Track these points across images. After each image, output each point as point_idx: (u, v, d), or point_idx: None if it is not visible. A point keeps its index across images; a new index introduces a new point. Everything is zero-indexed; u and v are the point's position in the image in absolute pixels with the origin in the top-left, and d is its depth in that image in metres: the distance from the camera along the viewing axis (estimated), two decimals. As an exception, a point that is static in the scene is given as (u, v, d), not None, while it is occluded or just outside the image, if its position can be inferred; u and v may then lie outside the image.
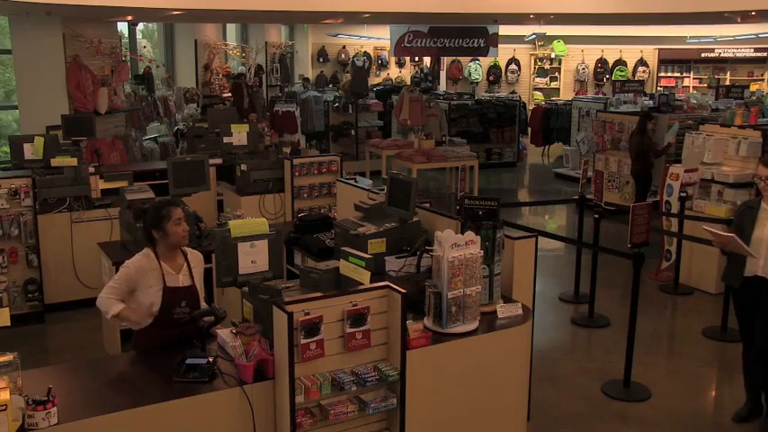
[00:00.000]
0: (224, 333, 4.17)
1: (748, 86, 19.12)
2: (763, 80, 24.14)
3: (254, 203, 8.33)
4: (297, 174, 8.45)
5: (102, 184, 7.88)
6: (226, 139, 9.30)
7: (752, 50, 24.23)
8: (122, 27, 13.75)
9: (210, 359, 3.88)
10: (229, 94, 14.67)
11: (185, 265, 4.43)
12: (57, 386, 3.50)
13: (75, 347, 6.90)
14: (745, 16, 14.21)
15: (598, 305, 7.70)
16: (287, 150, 9.72)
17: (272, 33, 19.56)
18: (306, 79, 19.76)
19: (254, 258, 4.32)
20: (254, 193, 8.43)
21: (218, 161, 9.08)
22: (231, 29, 19.05)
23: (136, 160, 11.42)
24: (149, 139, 13.18)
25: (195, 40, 14.84)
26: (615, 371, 6.27)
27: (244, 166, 8.52)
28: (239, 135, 9.30)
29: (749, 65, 24.74)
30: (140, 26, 15.26)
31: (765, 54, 24.14)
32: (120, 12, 10.66)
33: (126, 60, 12.53)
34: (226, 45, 16.98)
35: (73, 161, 7.82)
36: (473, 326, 4.27)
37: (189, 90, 14.54)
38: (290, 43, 20.82)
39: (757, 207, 5.35)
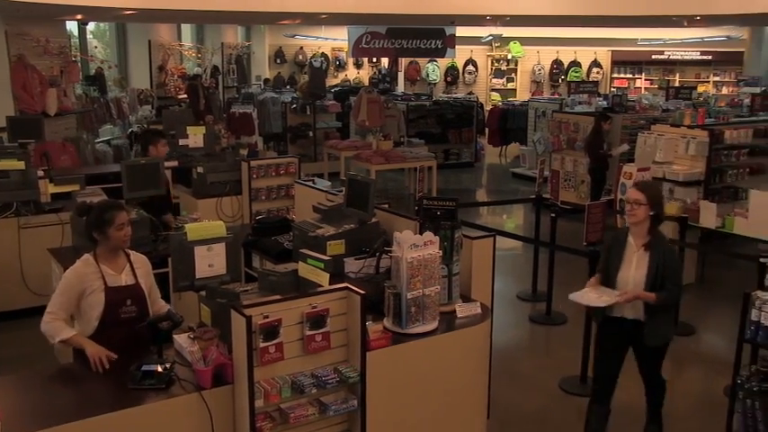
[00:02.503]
0: (181, 338, 4.12)
1: (696, 88, 19.51)
2: (709, 82, 24.68)
3: (211, 206, 8.24)
4: (254, 176, 8.38)
5: (53, 188, 7.70)
6: (181, 142, 9.18)
7: (698, 53, 24.78)
8: (72, 26, 13.53)
9: (167, 365, 3.83)
10: (185, 96, 14.53)
11: (128, 265, 4.36)
12: (3, 398, 3.40)
13: (24, 357, 6.62)
14: (691, 20, 14.54)
15: (555, 303, 7.78)
16: (244, 152, 9.66)
17: (228, 34, 19.44)
18: (266, 80, 19.68)
19: (211, 262, 4.28)
20: (211, 195, 8.35)
21: (174, 163, 8.97)
22: (186, 29, 18.88)
23: (88, 163, 11.19)
24: (102, 141, 12.97)
25: (149, 41, 14.68)
26: (572, 367, 6.34)
27: (200, 169, 8.43)
28: (195, 137, 9.19)
29: (696, 67, 25.31)
30: (91, 26, 15.03)
31: (711, 57, 24.70)
32: (68, 10, 10.45)
33: (76, 61, 12.32)
34: (181, 46, 16.82)
35: (20, 164, 7.59)
36: (432, 326, 4.29)
37: (143, 91, 14.38)
38: (247, 44, 20.73)
39: (624, 240, 4.85)
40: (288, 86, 20.56)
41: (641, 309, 4.79)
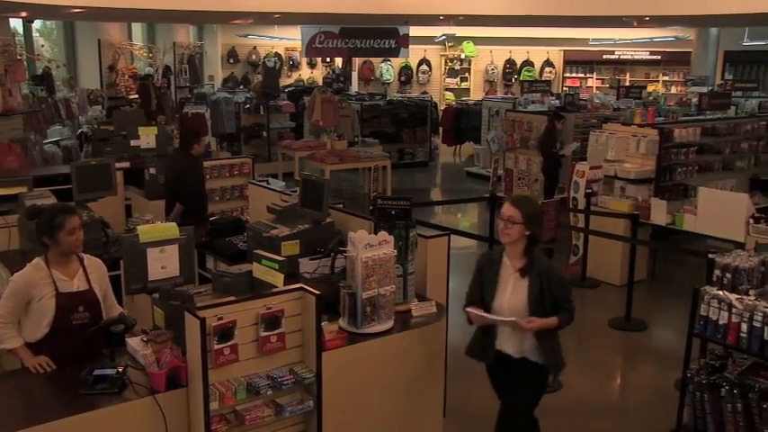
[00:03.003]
0: (134, 341, 4.06)
1: (646, 87, 19.86)
2: (658, 81, 25.16)
3: (164, 207, 8.15)
4: (208, 177, 8.31)
5: (-1, 190, 7.52)
6: (133, 142, 9.08)
7: (648, 53, 25.24)
8: (16, 24, 13.24)
9: (120, 369, 3.77)
10: (136, 96, 14.32)
11: (81, 270, 4.27)
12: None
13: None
14: (640, 21, 14.79)
15: (510, 301, 7.83)
16: (197, 153, 9.56)
17: (180, 34, 19.23)
18: (226, 80, 19.49)
19: (164, 264, 4.22)
20: (164, 196, 8.25)
21: (126, 165, 8.85)
22: (137, 28, 18.63)
23: (36, 165, 10.96)
24: (51, 142, 12.72)
25: (99, 40, 14.43)
26: (527, 364, 6.38)
27: (152, 170, 8.33)
28: (147, 138, 9.09)
29: (646, 66, 25.79)
30: (37, 24, 14.70)
31: (660, 57, 25.19)
32: (12, 7, 10.22)
33: (21, 59, 12.02)
34: (131, 45, 16.57)
35: (-40, 166, 7.43)
36: (388, 325, 4.29)
37: (93, 91, 14.12)
38: (200, 44, 20.51)
39: (499, 261, 4.34)
40: (241, 86, 20.43)
41: (525, 343, 4.31)
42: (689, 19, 15.60)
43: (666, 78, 25.40)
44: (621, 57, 25.67)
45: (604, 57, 25.78)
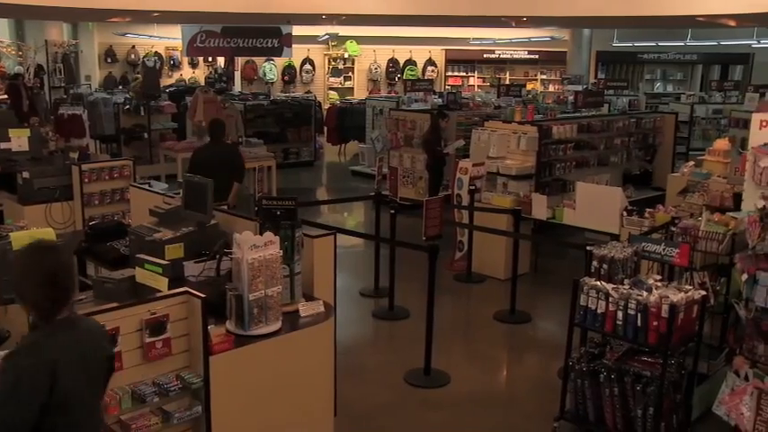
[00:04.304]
0: (9, 353, 3.88)
1: (525, 85, 20.47)
2: (537, 80, 26.00)
3: (40, 213, 7.82)
4: (86, 180, 8.03)
5: None
6: (3, 145, 8.66)
7: (526, 53, 26.04)
8: None
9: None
10: (5, 96, 13.67)
11: None
12: None
13: None
14: (518, 21, 15.24)
15: (398, 298, 7.92)
16: (74, 155, 9.22)
17: (52, 32, 18.47)
18: (123, 80, 18.83)
19: (40, 271, 4.04)
20: (39, 201, 7.93)
21: (-4, 169, 8.44)
22: (3, 24, 17.78)
23: None
24: None
25: (-38, 38, 13.71)
26: (416, 360, 6.48)
27: (26, 174, 7.98)
28: (19, 140, 8.69)
29: (525, 65, 26.63)
30: None
31: (537, 56, 26.04)
32: None
33: None
34: (-1, 43, 15.82)
35: None
36: (276, 326, 4.26)
37: (-45, 92, 13.41)
38: (74, 42, 19.77)
39: None
40: (120, 87, 19.84)
41: None
42: (562, 20, 16.19)
43: (544, 77, 26.28)
44: (501, 56, 26.39)
45: (485, 56, 26.43)
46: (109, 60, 22.96)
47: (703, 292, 5.13)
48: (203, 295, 3.82)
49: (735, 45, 21.28)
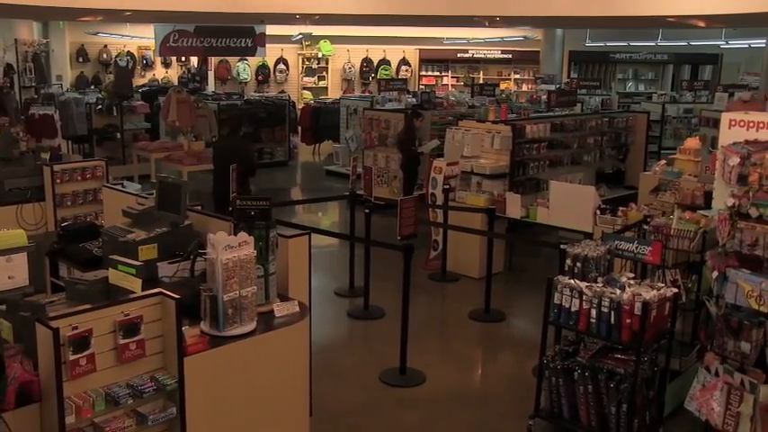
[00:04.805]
0: (-20, 357, 3.84)
1: (498, 85, 20.57)
2: (510, 79, 26.13)
3: (11, 214, 7.74)
4: (58, 181, 7.96)
5: None
6: (-28, 145, 8.57)
7: (500, 52, 26.15)
8: None
9: (-36, 386, 3.56)
10: (-26, 96, 13.48)
11: None
12: None
13: None
14: (492, 21, 15.30)
15: (373, 297, 7.94)
16: (46, 156, 9.13)
17: (22, 30, 18.23)
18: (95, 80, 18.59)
19: (11, 273, 4.02)
20: (10, 203, 7.84)
21: (-36, 170, 8.34)
22: (-29, 24, 17.54)
23: None
24: None
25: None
26: (392, 359, 6.49)
27: (-4, 174, 7.91)
28: (-11, 141, 8.61)
29: (498, 65, 26.73)
30: None
31: (511, 56, 26.16)
32: None
33: None
34: (-34, 42, 15.61)
35: None
36: (251, 327, 4.25)
37: None
38: (45, 41, 19.54)
39: None
40: (92, 86, 19.65)
41: None
42: (535, 20, 16.28)
43: (518, 76, 26.41)
44: (475, 56, 26.47)
45: (459, 56, 26.49)
46: (81, 60, 22.72)
47: (675, 290, 5.20)
48: (177, 296, 3.80)
49: (704, 45, 21.59)
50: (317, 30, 22.79)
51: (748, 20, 12.77)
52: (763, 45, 14.84)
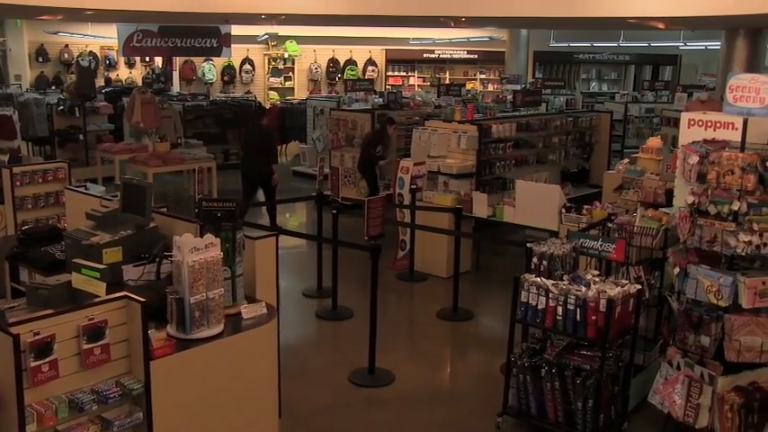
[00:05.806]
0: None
1: (465, 85, 20.65)
2: (476, 79, 26.27)
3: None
4: (18, 183, 7.82)
5: None
6: (-72, 149, 8.41)
7: (465, 52, 26.28)
8: None
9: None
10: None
11: None
12: None
13: None
14: (457, 21, 15.36)
15: (341, 297, 7.92)
16: (5, 158, 9.00)
17: (-25, 29, 17.94)
18: (56, 80, 18.29)
19: (-29, 278, 3.94)
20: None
21: None
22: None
23: None
24: None
25: None
26: (360, 359, 6.49)
27: (-45, 177, 7.76)
28: (-53, 143, 8.46)
29: (464, 65, 26.88)
30: None
31: (477, 56, 26.30)
32: None
33: None
34: None
35: None
36: (218, 329, 4.22)
37: None
38: (1, 40, 19.24)
39: None
40: (53, 87, 19.38)
41: None
42: (500, 20, 16.37)
43: (483, 76, 26.56)
44: (441, 56, 26.58)
45: (425, 56, 26.58)
46: (40, 60, 22.41)
47: (639, 287, 5.26)
48: (143, 299, 3.76)
49: (664, 47, 21.91)
50: (282, 30, 22.70)
51: (705, 22, 13.01)
52: (719, 47, 15.13)
